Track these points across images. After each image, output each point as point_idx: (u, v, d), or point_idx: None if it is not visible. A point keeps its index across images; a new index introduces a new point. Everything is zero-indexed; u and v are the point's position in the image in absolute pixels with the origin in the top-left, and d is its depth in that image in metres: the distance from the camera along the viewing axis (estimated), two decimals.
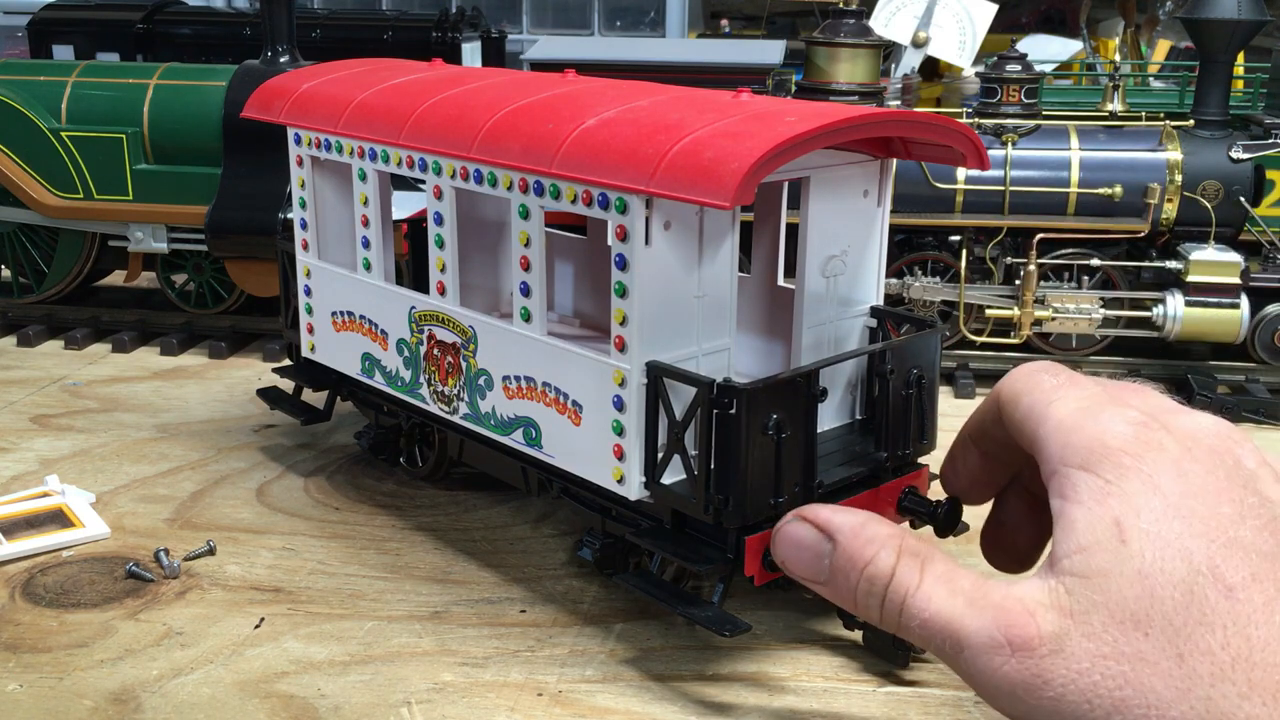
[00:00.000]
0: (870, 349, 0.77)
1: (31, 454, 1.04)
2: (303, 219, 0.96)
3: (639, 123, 0.70)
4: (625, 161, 0.68)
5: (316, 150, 0.92)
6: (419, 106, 0.83)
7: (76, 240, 1.40)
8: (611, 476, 0.73)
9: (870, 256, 0.82)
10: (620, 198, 0.68)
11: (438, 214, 0.82)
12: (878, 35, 1.28)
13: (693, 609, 0.70)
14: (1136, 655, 0.52)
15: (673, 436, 0.70)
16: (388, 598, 0.81)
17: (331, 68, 0.99)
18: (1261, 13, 1.21)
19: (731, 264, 0.74)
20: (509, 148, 0.75)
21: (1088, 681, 0.53)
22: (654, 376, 0.70)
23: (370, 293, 0.90)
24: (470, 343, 0.82)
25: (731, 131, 0.66)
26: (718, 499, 0.68)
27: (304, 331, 0.98)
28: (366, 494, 0.96)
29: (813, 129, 0.66)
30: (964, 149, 0.76)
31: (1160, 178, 1.21)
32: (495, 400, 0.80)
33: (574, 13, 2.58)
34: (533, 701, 0.69)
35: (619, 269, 0.69)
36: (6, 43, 2.50)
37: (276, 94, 0.96)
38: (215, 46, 1.73)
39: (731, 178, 0.62)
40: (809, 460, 0.71)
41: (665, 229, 0.69)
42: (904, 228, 1.24)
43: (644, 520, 0.75)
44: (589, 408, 0.73)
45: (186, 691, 0.70)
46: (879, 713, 0.69)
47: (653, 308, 0.70)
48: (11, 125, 1.35)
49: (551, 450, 0.77)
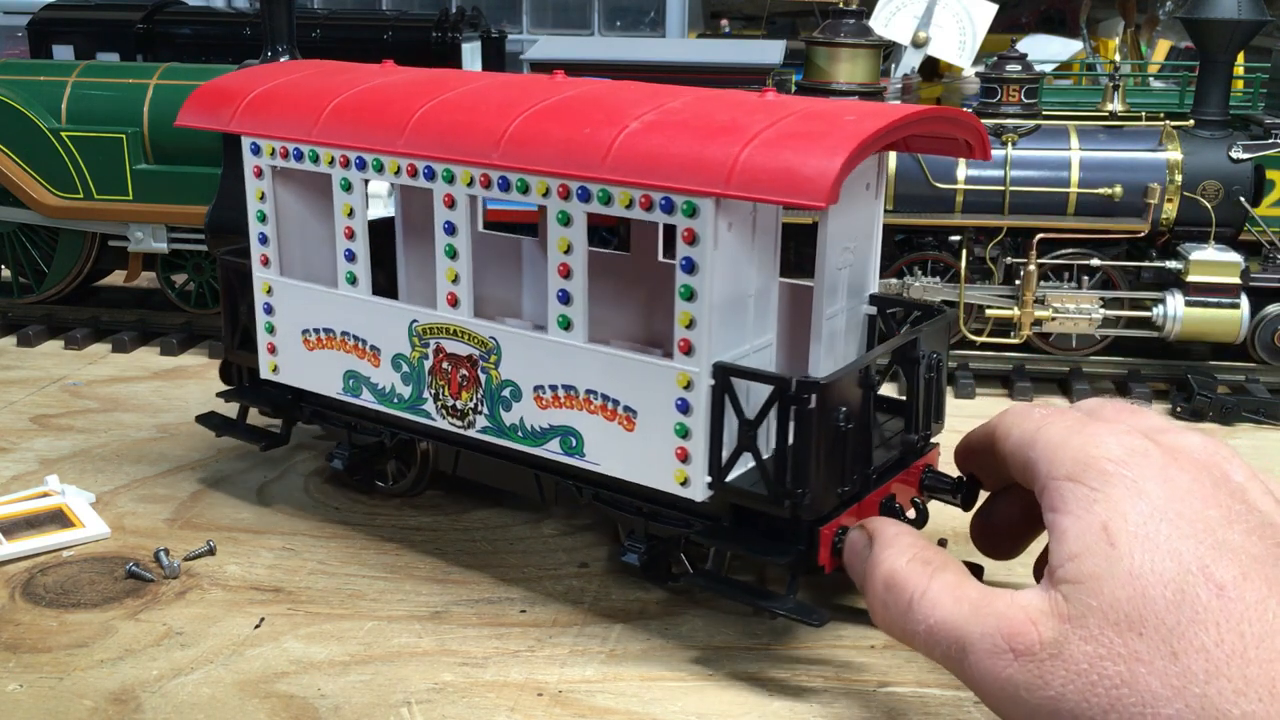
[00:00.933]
0: (906, 336, 0.79)
1: (31, 454, 1.04)
2: (262, 233, 0.90)
3: (688, 125, 0.71)
4: (692, 165, 0.68)
5: (282, 160, 0.87)
6: (414, 112, 0.80)
7: (76, 240, 1.40)
8: (674, 479, 0.73)
9: (872, 248, 0.84)
10: (689, 201, 0.68)
11: (449, 223, 0.80)
12: (878, 35, 1.28)
13: (773, 603, 0.72)
14: (1132, 655, 0.53)
15: (744, 435, 0.70)
16: (388, 598, 0.81)
17: (271, 71, 0.94)
18: (1261, 13, 1.20)
19: (775, 261, 0.76)
20: (542, 153, 0.74)
21: (1085, 682, 0.54)
22: (722, 377, 0.70)
23: (355, 308, 0.86)
24: (491, 354, 0.80)
25: (801, 132, 0.68)
26: (795, 492, 0.69)
27: (263, 352, 0.92)
28: (366, 494, 0.96)
29: (883, 126, 0.68)
30: (974, 140, 0.80)
31: (1160, 178, 1.21)
32: (523, 411, 0.79)
33: (574, 13, 2.57)
34: (533, 701, 0.69)
35: (686, 272, 0.69)
36: (6, 43, 2.50)
37: (220, 100, 0.90)
38: (215, 46, 1.73)
39: (824, 177, 0.64)
40: (866, 448, 0.73)
41: (728, 230, 0.70)
42: (904, 228, 1.24)
43: (697, 521, 0.75)
44: (645, 412, 0.73)
45: (186, 691, 0.70)
46: (879, 713, 0.69)
47: (719, 309, 0.70)
48: (11, 125, 1.35)
49: (596, 458, 0.76)
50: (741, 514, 0.74)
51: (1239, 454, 0.62)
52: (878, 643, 0.76)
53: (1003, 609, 0.58)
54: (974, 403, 1.20)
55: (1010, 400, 1.21)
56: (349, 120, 0.83)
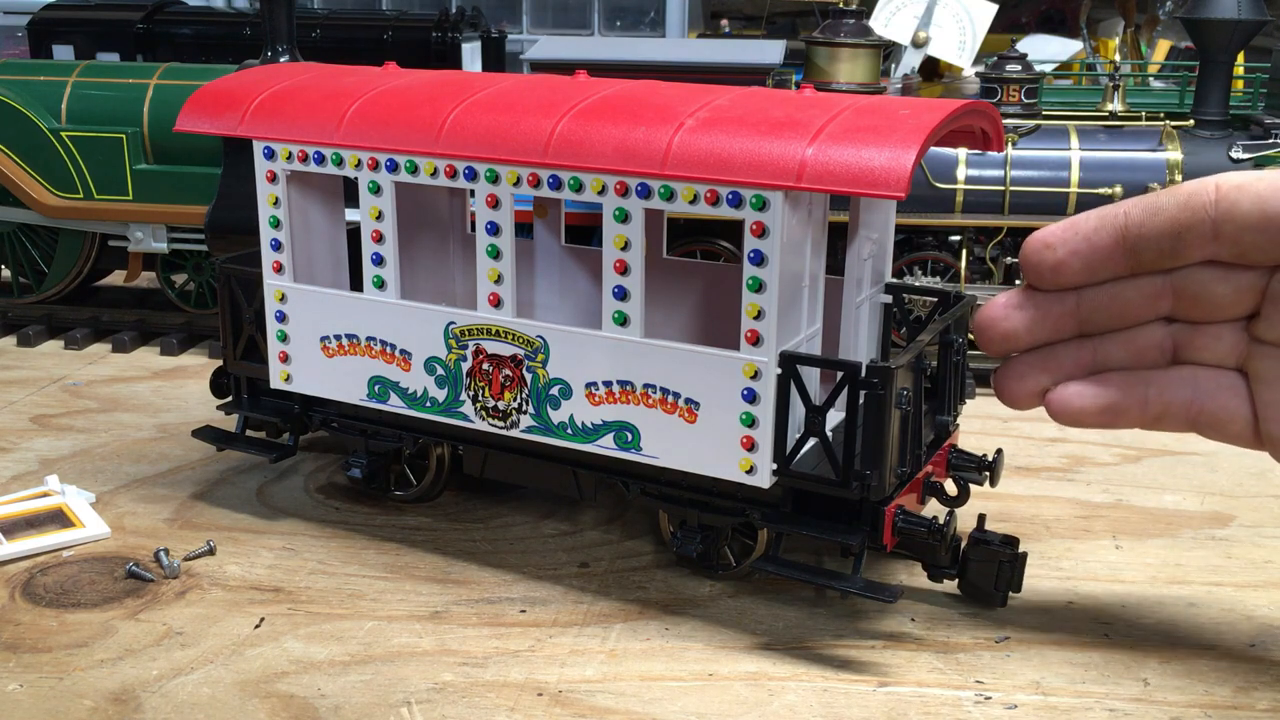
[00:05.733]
0: (944, 321, 0.81)
1: (31, 454, 1.04)
2: (275, 239, 0.88)
3: (746, 121, 0.72)
4: (759, 159, 0.70)
5: (300, 164, 0.85)
6: (449, 113, 0.80)
7: (76, 240, 1.41)
8: (739, 468, 0.74)
9: (888, 238, 0.87)
10: (758, 195, 0.70)
11: (492, 224, 0.79)
12: (878, 35, 1.29)
13: (843, 583, 0.74)
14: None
15: (811, 422, 0.73)
16: (388, 598, 0.81)
17: (273, 73, 0.92)
18: (1261, 13, 1.21)
19: (823, 253, 0.79)
20: (597, 151, 0.74)
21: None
22: (789, 366, 0.72)
23: (384, 312, 0.85)
24: (539, 353, 0.80)
25: (866, 126, 0.70)
26: (864, 474, 0.71)
27: (273, 362, 0.90)
28: (367, 494, 0.96)
29: (943, 118, 0.71)
30: (991, 131, 0.83)
31: (1160, 178, 1.21)
32: (574, 408, 0.79)
33: (574, 13, 2.57)
34: (533, 701, 0.69)
35: (755, 265, 0.71)
36: (6, 43, 2.49)
37: (224, 103, 0.88)
38: (215, 46, 1.73)
39: (901, 169, 0.67)
40: (918, 429, 0.76)
41: (794, 222, 0.72)
42: (904, 228, 1.24)
43: (754, 509, 0.77)
44: (709, 404, 0.74)
45: (186, 691, 0.70)
46: (879, 713, 0.69)
47: (785, 299, 0.72)
48: (11, 125, 1.35)
49: (654, 451, 0.77)
50: (802, 499, 0.76)
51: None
52: (878, 643, 0.76)
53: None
54: (974, 403, 1.20)
55: None
56: (376, 122, 0.82)
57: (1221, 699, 0.70)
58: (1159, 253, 0.64)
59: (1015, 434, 1.12)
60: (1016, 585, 0.79)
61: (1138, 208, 0.64)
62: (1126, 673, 0.73)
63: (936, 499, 0.81)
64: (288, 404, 0.94)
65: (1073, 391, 0.68)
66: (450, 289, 1.05)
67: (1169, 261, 0.64)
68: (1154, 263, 0.65)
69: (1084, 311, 0.67)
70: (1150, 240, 0.64)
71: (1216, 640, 0.77)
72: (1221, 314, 0.65)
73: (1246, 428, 0.66)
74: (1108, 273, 0.66)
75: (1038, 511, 0.95)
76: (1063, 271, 0.66)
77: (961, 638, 0.76)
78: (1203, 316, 0.66)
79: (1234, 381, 0.66)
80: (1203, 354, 0.67)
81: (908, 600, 0.80)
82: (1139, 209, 0.64)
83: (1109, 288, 0.67)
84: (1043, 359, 0.69)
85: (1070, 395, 0.68)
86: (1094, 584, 0.84)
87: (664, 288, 0.96)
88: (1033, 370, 0.70)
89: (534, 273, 1.02)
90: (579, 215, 1.18)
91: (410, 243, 0.97)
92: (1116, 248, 0.65)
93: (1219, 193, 0.61)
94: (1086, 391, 0.68)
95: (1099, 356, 0.68)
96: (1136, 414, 0.68)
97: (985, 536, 0.78)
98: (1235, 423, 0.66)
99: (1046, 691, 0.71)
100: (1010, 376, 0.70)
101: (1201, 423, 0.67)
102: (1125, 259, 0.65)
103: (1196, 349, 0.67)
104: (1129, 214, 0.64)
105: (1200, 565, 0.87)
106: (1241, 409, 0.66)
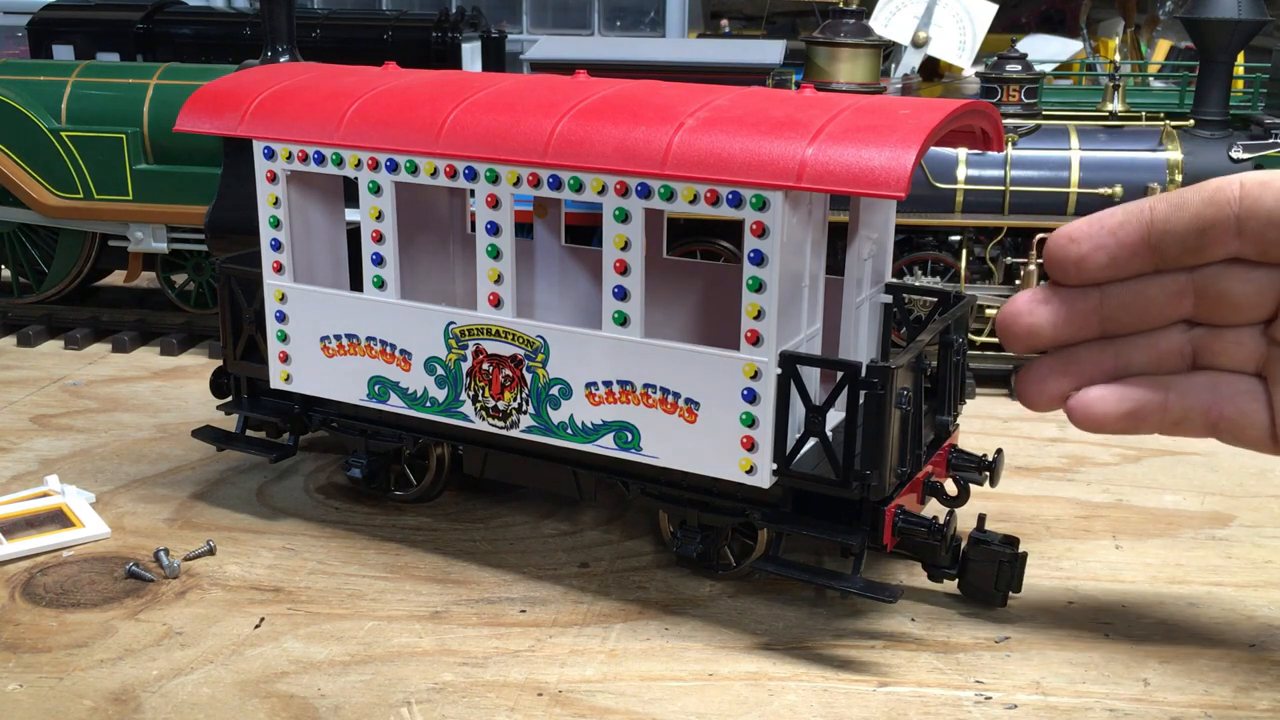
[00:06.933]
0: (944, 321, 0.81)
1: (31, 454, 1.04)
2: (275, 239, 0.88)
3: (746, 121, 0.72)
4: (759, 159, 0.70)
5: (300, 164, 0.85)
6: (449, 113, 0.80)
7: (76, 240, 1.41)
8: (739, 469, 0.74)
9: (888, 238, 0.87)
10: (758, 194, 0.70)
11: (492, 223, 0.79)
12: (878, 35, 1.29)
13: (843, 583, 0.74)
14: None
15: (811, 421, 0.73)
16: (388, 598, 0.81)
17: (273, 73, 0.92)
18: (1261, 13, 1.20)
19: (822, 252, 0.78)
20: (597, 151, 0.74)
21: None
22: (789, 366, 0.72)
23: (384, 312, 0.85)
24: (539, 353, 0.80)
25: (866, 126, 0.70)
26: (864, 474, 0.71)
27: (273, 362, 0.90)
28: (367, 494, 0.96)
29: (943, 118, 0.71)
30: (991, 131, 0.83)
31: (1160, 178, 1.21)
32: (574, 409, 0.79)
33: (574, 13, 2.57)
34: (533, 701, 0.69)
35: (755, 265, 0.71)
36: (6, 43, 2.49)
37: (224, 103, 0.88)
38: (215, 46, 1.73)
39: (901, 169, 0.67)
40: (918, 429, 0.76)
41: (794, 222, 0.72)
42: (904, 228, 1.24)
43: (754, 509, 0.77)
44: (708, 404, 0.74)
45: (186, 691, 0.70)
46: (879, 713, 0.69)
47: (784, 299, 0.72)
48: (11, 125, 1.35)
49: (654, 451, 0.77)
50: (802, 499, 0.76)
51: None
52: (878, 642, 0.76)
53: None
54: (974, 403, 1.20)
55: (1011, 400, 1.21)
56: (376, 122, 0.82)
57: (1221, 699, 0.70)
58: (1183, 248, 0.64)
59: (1015, 434, 1.12)
60: (1016, 585, 0.79)
61: (1163, 203, 0.64)
62: (1126, 673, 0.73)
63: (936, 499, 0.81)
64: (288, 404, 0.94)
65: (1095, 396, 0.68)
66: (450, 289, 1.05)
67: (1193, 258, 0.64)
68: (1178, 259, 0.65)
69: (1107, 309, 0.67)
70: (1175, 235, 0.64)
71: (1217, 640, 0.77)
72: (1242, 316, 0.65)
73: (1265, 433, 0.66)
74: (1132, 269, 0.66)
75: (1038, 511, 0.95)
76: (1087, 266, 0.66)
77: (961, 638, 0.76)
78: (1223, 319, 0.66)
79: (1253, 386, 0.66)
80: (1222, 359, 0.67)
81: (908, 600, 0.80)
82: (1164, 204, 0.64)
83: (1132, 285, 0.66)
84: (1064, 363, 0.69)
85: (1092, 400, 0.68)
86: (1094, 584, 0.84)
87: (664, 288, 0.96)
88: (1054, 374, 0.69)
89: (534, 273, 1.02)
90: (579, 215, 1.18)
91: (410, 243, 0.97)
92: (1141, 243, 0.65)
93: (1243, 189, 0.62)
94: (1109, 396, 0.68)
95: (1120, 361, 0.68)
96: (1157, 419, 0.68)
97: (985, 536, 0.78)
98: (1255, 428, 0.66)
99: (1046, 691, 0.71)
100: (1031, 380, 0.70)
101: (1221, 428, 0.67)
102: (1149, 254, 0.65)
103: (1216, 353, 0.67)
104: (1154, 209, 0.64)
105: (1200, 565, 0.87)
106: (1260, 414, 0.66)
